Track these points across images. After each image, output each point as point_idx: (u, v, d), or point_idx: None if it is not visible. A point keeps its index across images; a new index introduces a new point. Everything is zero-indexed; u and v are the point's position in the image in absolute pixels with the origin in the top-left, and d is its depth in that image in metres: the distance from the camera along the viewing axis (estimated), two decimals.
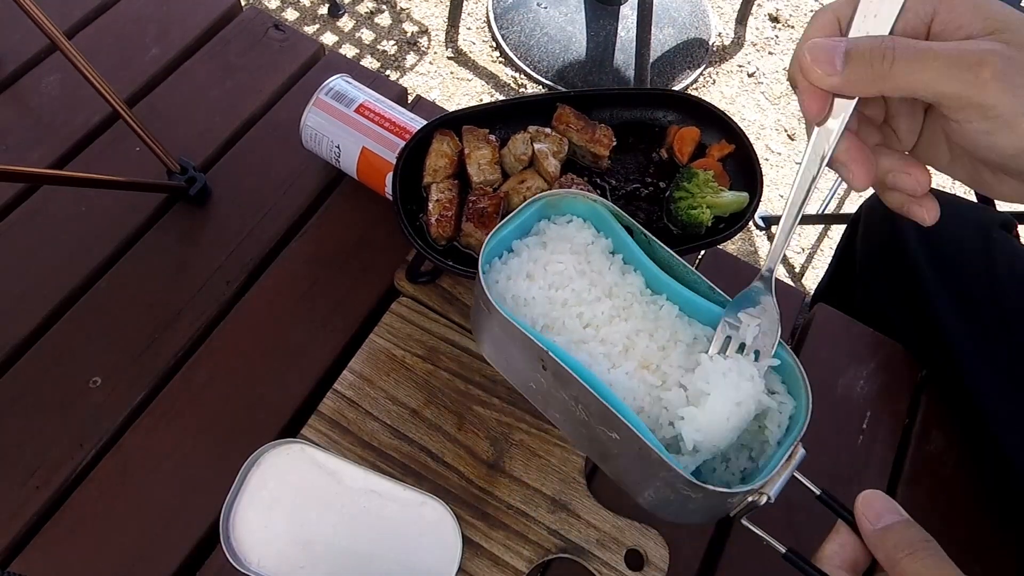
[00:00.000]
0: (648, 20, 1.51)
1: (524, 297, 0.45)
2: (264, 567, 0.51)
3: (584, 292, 0.46)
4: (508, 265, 0.47)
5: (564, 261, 0.46)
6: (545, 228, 0.48)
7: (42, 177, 0.63)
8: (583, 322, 0.45)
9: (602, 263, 0.47)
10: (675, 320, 0.46)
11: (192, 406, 0.60)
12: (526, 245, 0.47)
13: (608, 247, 0.48)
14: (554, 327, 0.45)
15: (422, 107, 0.78)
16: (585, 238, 0.48)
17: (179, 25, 0.79)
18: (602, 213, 0.48)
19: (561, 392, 0.41)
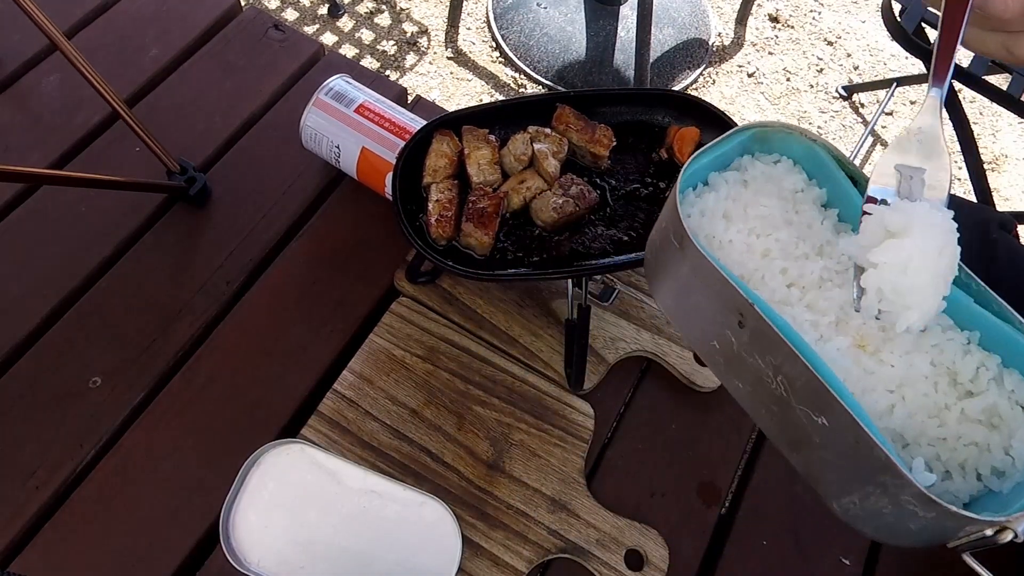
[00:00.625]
0: (648, 20, 1.51)
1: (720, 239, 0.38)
2: (264, 567, 0.51)
3: (790, 245, 0.38)
4: (702, 199, 0.39)
5: (769, 205, 0.39)
6: (748, 165, 0.41)
7: (42, 177, 0.63)
8: (787, 279, 0.38)
9: (813, 216, 0.39)
10: None
11: (192, 406, 0.60)
12: (724, 180, 0.40)
13: (821, 198, 0.40)
14: (751, 280, 0.38)
15: (422, 107, 0.78)
16: (795, 183, 0.40)
17: (179, 25, 0.79)
18: (821, 157, 0.40)
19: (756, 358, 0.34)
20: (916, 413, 0.36)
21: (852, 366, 0.36)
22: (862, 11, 2.11)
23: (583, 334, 0.61)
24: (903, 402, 0.36)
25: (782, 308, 0.37)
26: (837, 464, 0.33)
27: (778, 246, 0.38)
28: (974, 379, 0.36)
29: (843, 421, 0.30)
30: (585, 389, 0.62)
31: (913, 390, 0.36)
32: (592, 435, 0.60)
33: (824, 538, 0.60)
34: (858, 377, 0.36)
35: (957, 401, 0.36)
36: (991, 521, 0.30)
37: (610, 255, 0.59)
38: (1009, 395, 0.35)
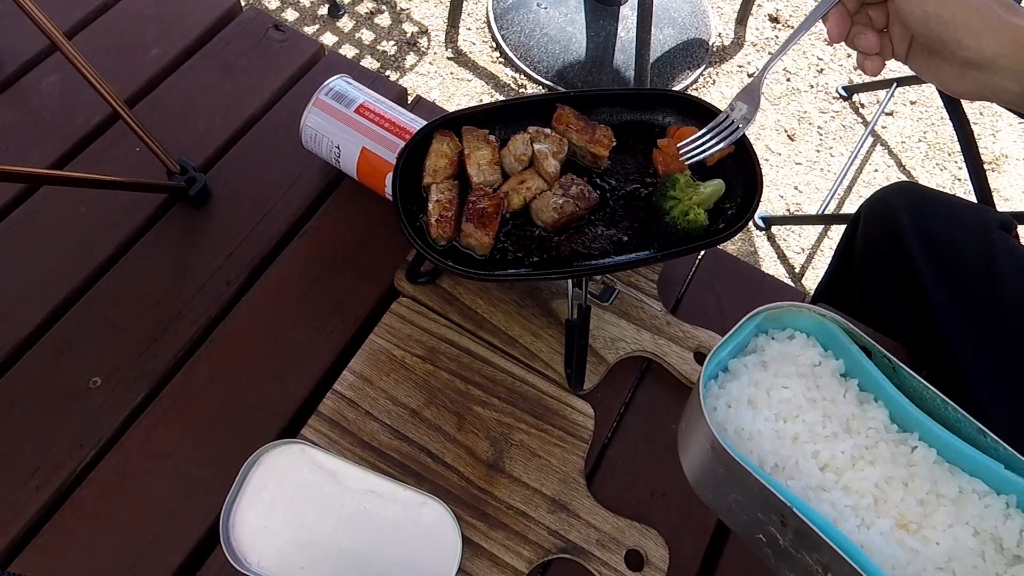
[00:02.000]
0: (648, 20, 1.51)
1: (748, 430, 0.38)
2: (264, 567, 0.51)
3: (818, 426, 0.39)
4: (726, 390, 0.40)
5: (791, 386, 0.39)
6: (765, 345, 0.42)
7: (42, 177, 0.63)
8: (819, 463, 0.38)
9: (835, 390, 0.40)
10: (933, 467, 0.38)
11: (192, 406, 0.60)
12: (744, 365, 0.41)
13: (839, 369, 0.41)
14: (786, 468, 0.38)
15: (422, 107, 0.78)
16: (811, 358, 0.41)
17: (179, 25, 0.79)
18: (832, 330, 0.41)
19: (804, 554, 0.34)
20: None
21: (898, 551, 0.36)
22: None
23: (583, 334, 0.61)
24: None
25: (820, 495, 0.37)
26: None
27: (806, 428, 0.39)
28: (1020, 542, 0.36)
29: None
30: (585, 389, 0.62)
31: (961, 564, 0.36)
32: (592, 435, 0.60)
33: None
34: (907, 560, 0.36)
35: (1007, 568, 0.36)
36: None
37: (610, 255, 0.59)
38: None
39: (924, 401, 0.39)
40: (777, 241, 1.72)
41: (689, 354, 0.64)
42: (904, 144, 1.90)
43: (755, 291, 0.70)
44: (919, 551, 0.36)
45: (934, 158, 1.89)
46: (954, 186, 1.84)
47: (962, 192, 1.82)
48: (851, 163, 1.80)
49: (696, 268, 0.71)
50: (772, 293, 0.70)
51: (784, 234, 1.72)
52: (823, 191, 1.77)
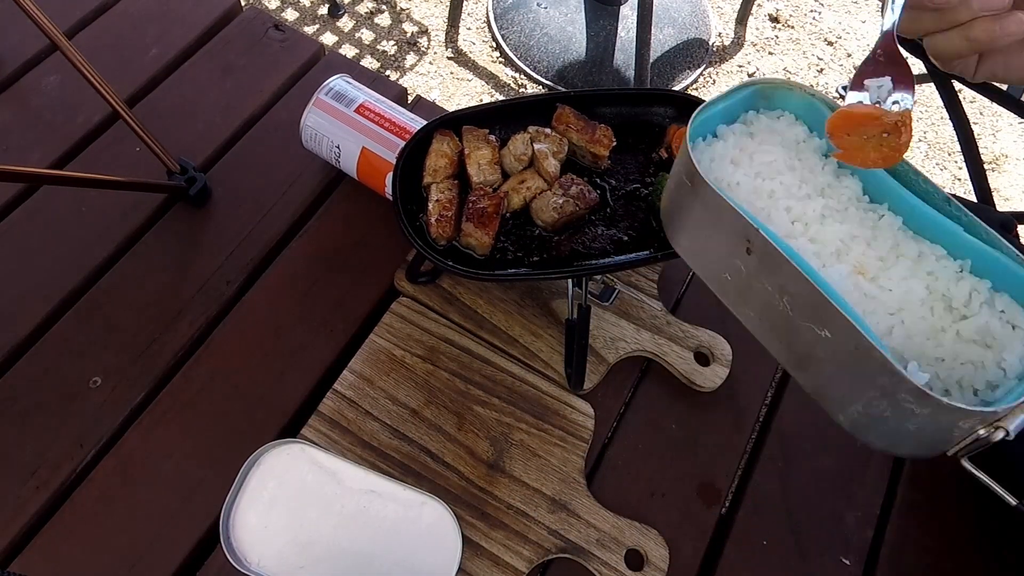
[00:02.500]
0: (648, 20, 1.51)
1: (728, 181, 0.41)
2: (264, 567, 0.51)
3: (793, 187, 0.41)
4: (711, 147, 0.43)
5: (773, 152, 0.42)
6: (753, 119, 0.44)
7: (42, 177, 0.63)
8: (791, 216, 0.41)
9: (814, 162, 0.42)
10: (897, 232, 0.41)
11: (192, 406, 0.60)
12: (732, 131, 0.43)
13: (822, 148, 0.43)
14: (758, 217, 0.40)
15: (422, 107, 0.78)
16: (797, 134, 0.43)
17: (179, 25, 0.79)
18: (820, 110, 0.43)
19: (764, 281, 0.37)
20: (915, 335, 0.38)
21: (852, 290, 0.38)
22: (862, 11, 2.11)
23: (583, 334, 0.61)
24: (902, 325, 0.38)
25: (787, 241, 0.39)
26: (840, 375, 0.36)
27: (782, 188, 0.41)
28: (967, 303, 0.39)
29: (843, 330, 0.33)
30: (585, 389, 0.62)
31: (911, 314, 0.39)
32: (592, 435, 0.60)
33: (824, 538, 0.60)
34: (858, 301, 0.38)
35: (952, 324, 0.38)
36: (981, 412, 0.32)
37: (610, 255, 0.59)
38: (1000, 315, 0.38)
39: (896, 173, 0.41)
40: None
41: (689, 354, 0.64)
42: None
43: None
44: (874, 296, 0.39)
45: (934, 158, 1.89)
46: (954, 186, 1.84)
47: (962, 192, 1.82)
48: None
49: None
50: None
51: None
52: None
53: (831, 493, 0.62)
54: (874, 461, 0.63)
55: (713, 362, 0.64)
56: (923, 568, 0.60)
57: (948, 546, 0.61)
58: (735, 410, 0.64)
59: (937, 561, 0.60)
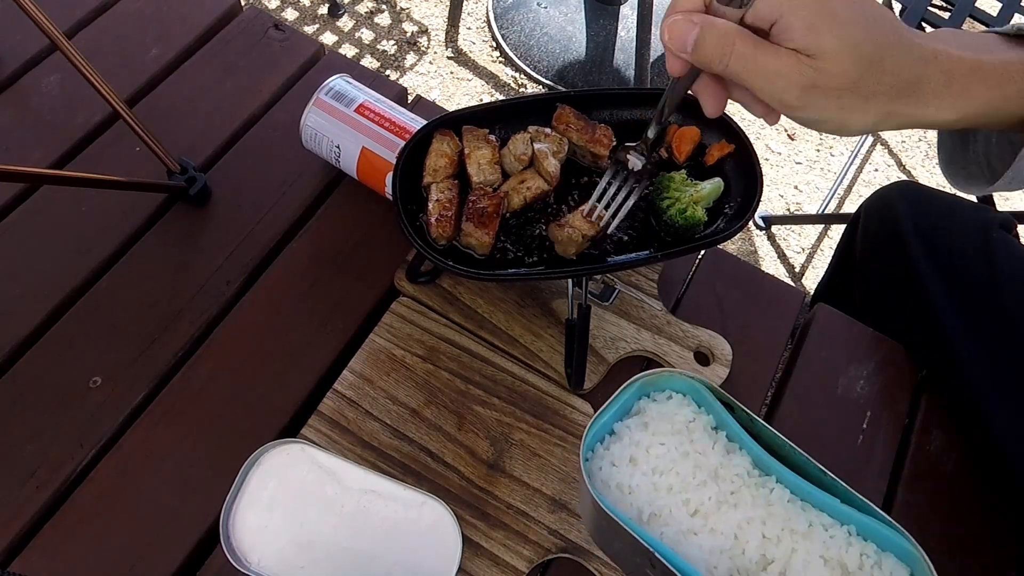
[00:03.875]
0: (648, 20, 1.51)
1: (628, 485, 0.44)
2: (264, 567, 0.51)
3: (689, 476, 0.45)
4: (610, 451, 0.46)
5: (667, 443, 0.45)
6: (645, 407, 0.48)
7: (42, 177, 0.63)
8: (690, 509, 0.44)
9: (705, 442, 0.46)
10: (787, 506, 0.44)
11: (192, 406, 0.60)
12: (627, 427, 0.47)
13: (711, 423, 0.47)
14: (661, 515, 0.44)
15: (422, 107, 0.78)
16: (686, 415, 0.47)
17: (179, 25, 0.79)
18: (700, 390, 0.47)
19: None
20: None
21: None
22: None
23: (583, 334, 0.61)
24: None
25: (691, 538, 0.43)
26: None
27: (679, 480, 0.45)
28: (861, 566, 0.42)
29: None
30: (585, 389, 0.62)
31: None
32: None
33: None
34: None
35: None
36: None
37: (610, 255, 0.59)
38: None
39: (776, 447, 0.45)
40: (777, 241, 1.72)
41: (689, 354, 0.64)
42: (904, 144, 1.89)
43: (755, 291, 0.70)
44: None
45: (934, 158, 1.88)
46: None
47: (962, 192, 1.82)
48: (851, 162, 1.80)
49: (696, 268, 0.71)
50: (772, 293, 0.70)
51: (784, 234, 1.72)
52: (823, 190, 1.77)
53: None
54: (874, 461, 0.63)
55: (713, 362, 0.64)
56: None
57: (948, 546, 0.61)
58: None
59: (937, 561, 0.60)
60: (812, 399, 0.65)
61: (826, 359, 0.68)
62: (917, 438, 0.65)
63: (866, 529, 0.43)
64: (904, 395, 0.67)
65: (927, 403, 0.67)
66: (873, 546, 0.43)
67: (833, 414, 0.65)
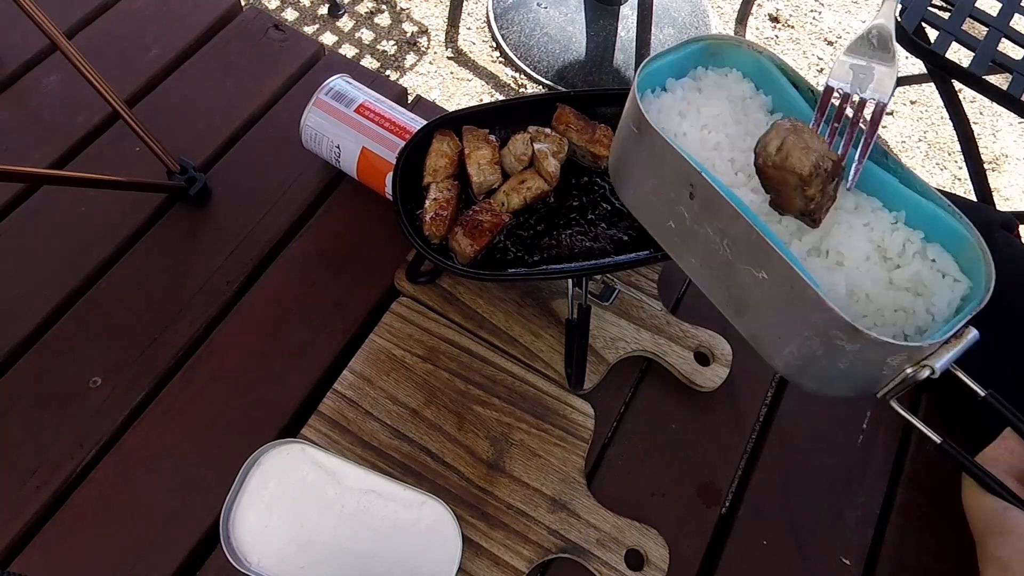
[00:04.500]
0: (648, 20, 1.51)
1: (675, 131, 0.42)
2: (264, 567, 0.51)
3: (739, 139, 0.42)
4: (660, 99, 0.43)
5: (719, 106, 0.43)
6: (702, 75, 0.45)
7: (42, 177, 0.63)
8: (736, 167, 0.42)
9: (760, 117, 0.43)
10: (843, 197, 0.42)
11: (192, 406, 0.60)
12: (680, 85, 0.44)
13: (767, 105, 0.44)
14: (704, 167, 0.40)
15: (422, 107, 0.78)
16: (744, 91, 0.44)
17: (179, 25, 0.79)
18: (767, 67, 0.44)
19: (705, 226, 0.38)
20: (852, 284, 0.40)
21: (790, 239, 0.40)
22: (862, 11, 2.11)
23: (583, 334, 0.61)
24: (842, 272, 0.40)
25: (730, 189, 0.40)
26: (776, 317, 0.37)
27: (727, 140, 0.42)
28: (901, 253, 0.40)
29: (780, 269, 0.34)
30: (585, 389, 0.62)
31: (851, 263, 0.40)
32: (592, 435, 0.60)
33: (824, 538, 0.60)
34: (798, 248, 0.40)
35: (886, 272, 0.40)
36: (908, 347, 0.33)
37: (610, 255, 0.59)
38: (931, 264, 0.39)
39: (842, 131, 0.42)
40: None
41: (689, 354, 0.64)
42: (904, 144, 1.89)
43: None
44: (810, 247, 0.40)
45: (934, 158, 1.88)
46: (954, 186, 1.84)
47: (962, 192, 1.82)
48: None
49: None
50: None
51: None
52: None
53: (831, 493, 0.62)
54: (874, 461, 0.63)
55: (713, 362, 0.64)
56: (923, 568, 0.60)
57: (948, 546, 0.61)
58: (735, 410, 0.64)
59: (937, 561, 0.60)
60: (812, 399, 0.65)
61: None
62: (917, 438, 0.65)
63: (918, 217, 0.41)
64: (904, 395, 0.67)
65: (927, 403, 0.67)
66: (920, 234, 0.41)
67: (833, 414, 0.65)
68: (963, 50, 1.20)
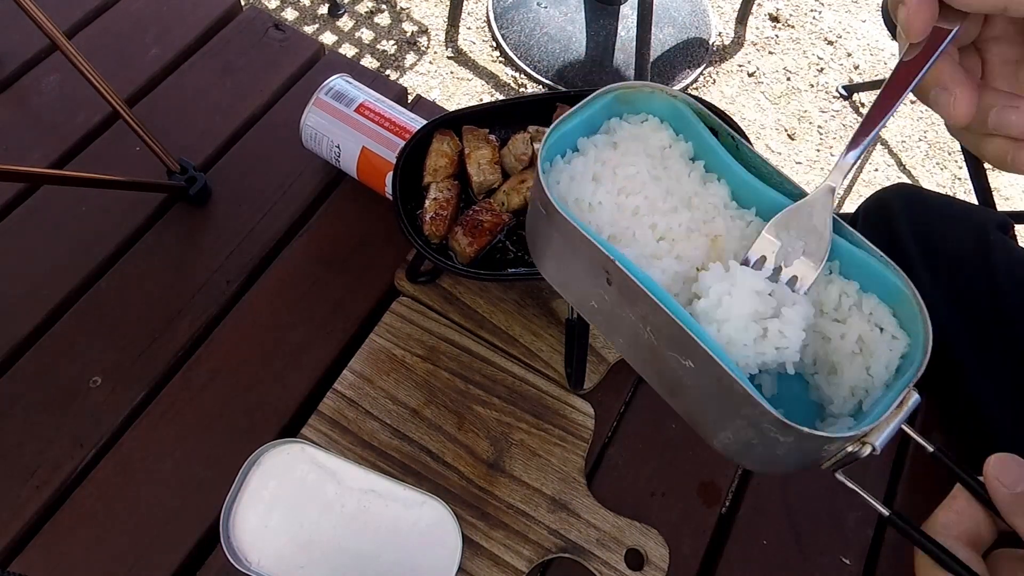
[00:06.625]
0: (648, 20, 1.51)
1: (589, 201, 0.39)
2: (264, 567, 0.51)
3: (659, 200, 0.39)
4: (572, 165, 0.40)
5: (637, 164, 0.40)
6: (616, 127, 0.42)
7: (42, 177, 0.63)
8: (656, 234, 0.39)
9: (680, 169, 0.41)
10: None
11: (192, 406, 0.60)
12: (593, 144, 0.41)
13: (688, 152, 0.42)
14: (623, 239, 0.39)
15: (422, 107, 0.78)
16: (662, 140, 0.41)
17: (179, 25, 0.79)
18: (684, 112, 0.41)
19: (627, 311, 0.36)
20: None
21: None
22: (862, 10, 2.11)
23: (583, 334, 0.61)
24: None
25: (652, 262, 0.38)
26: (708, 402, 0.35)
27: (647, 203, 0.39)
28: (838, 307, 0.38)
29: (704, 361, 0.32)
30: (585, 389, 0.62)
31: None
32: (592, 435, 0.60)
33: (824, 538, 0.60)
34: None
35: (826, 326, 0.38)
36: (842, 438, 0.31)
37: None
38: (868, 318, 0.37)
39: (764, 175, 0.40)
40: None
41: None
42: (904, 144, 1.90)
43: None
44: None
45: (934, 158, 1.89)
46: (954, 186, 1.84)
47: (962, 192, 1.82)
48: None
49: None
50: None
51: None
52: None
53: (831, 493, 0.62)
54: (874, 461, 0.63)
55: None
56: None
57: None
58: None
59: None
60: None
61: None
62: None
63: (851, 265, 0.39)
64: None
65: (927, 403, 0.67)
66: (856, 285, 0.38)
67: None
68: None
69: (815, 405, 0.38)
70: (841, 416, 0.37)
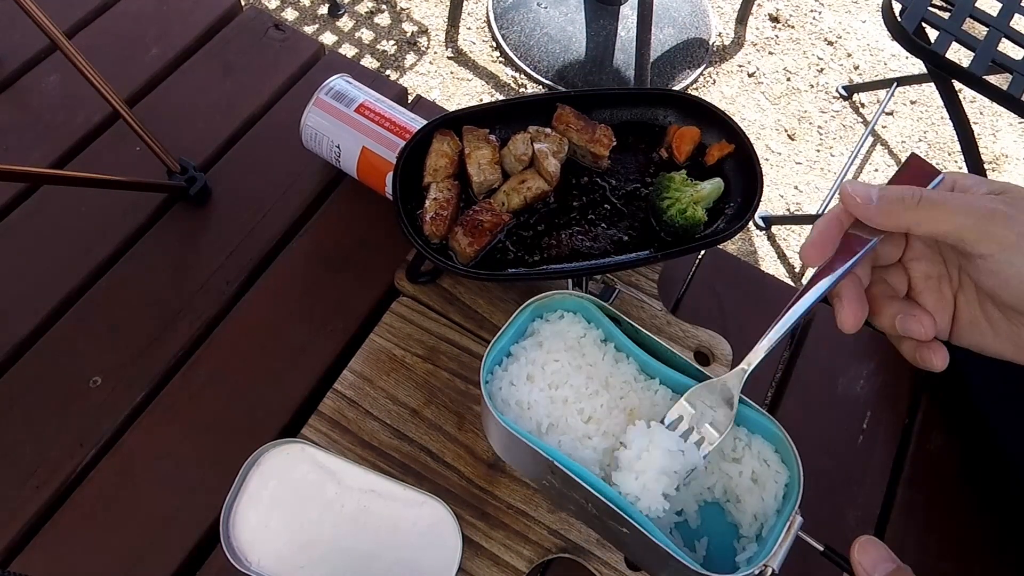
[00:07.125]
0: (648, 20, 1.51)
1: (527, 401, 0.48)
2: (264, 567, 0.51)
3: (582, 387, 0.48)
4: (509, 371, 0.49)
5: (560, 359, 0.49)
6: (539, 328, 0.51)
7: (42, 177, 0.63)
8: (584, 417, 0.48)
9: (596, 354, 0.50)
10: (670, 402, 0.48)
11: (192, 406, 0.60)
12: (524, 348, 0.50)
13: (600, 336, 0.51)
14: (558, 426, 0.47)
15: (422, 107, 0.78)
16: (577, 331, 0.50)
17: (179, 25, 0.79)
18: (589, 308, 0.50)
19: (572, 492, 0.44)
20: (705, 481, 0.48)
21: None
22: (862, 11, 2.11)
23: None
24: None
25: (585, 442, 0.47)
26: (646, 555, 0.45)
27: (573, 391, 0.48)
28: (734, 448, 0.47)
29: (636, 532, 0.41)
30: None
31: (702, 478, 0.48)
32: None
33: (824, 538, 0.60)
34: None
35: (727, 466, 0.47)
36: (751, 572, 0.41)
37: (610, 255, 0.59)
38: (758, 455, 0.46)
39: (658, 353, 0.49)
40: (777, 241, 1.72)
41: (689, 353, 0.64)
42: (904, 144, 1.90)
43: (755, 291, 0.70)
44: None
45: (934, 158, 1.89)
46: None
47: None
48: (851, 163, 1.80)
49: (696, 268, 0.71)
50: (773, 293, 0.70)
51: (784, 234, 1.72)
52: (823, 191, 1.77)
53: (831, 493, 0.62)
54: (874, 461, 0.63)
55: (713, 362, 0.64)
56: (923, 568, 0.60)
57: (948, 546, 0.61)
58: None
59: (937, 561, 0.60)
60: (812, 399, 0.65)
61: (826, 359, 0.68)
62: (917, 438, 0.65)
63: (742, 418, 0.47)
64: (904, 395, 0.67)
65: (927, 403, 0.67)
66: (744, 430, 0.47)
67: (833, 414, 0.65)
68: (963, 50, 1.20)
69: (733, 527, 0.47)
70: (749, 538, 0.46)
